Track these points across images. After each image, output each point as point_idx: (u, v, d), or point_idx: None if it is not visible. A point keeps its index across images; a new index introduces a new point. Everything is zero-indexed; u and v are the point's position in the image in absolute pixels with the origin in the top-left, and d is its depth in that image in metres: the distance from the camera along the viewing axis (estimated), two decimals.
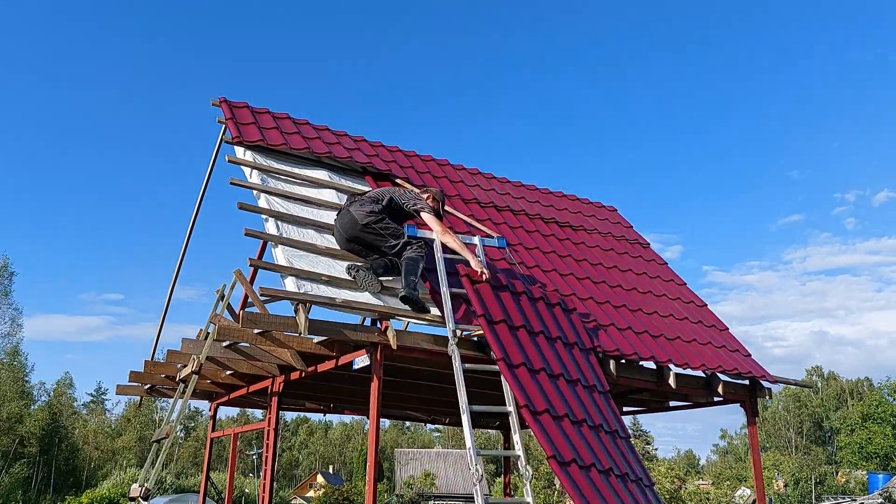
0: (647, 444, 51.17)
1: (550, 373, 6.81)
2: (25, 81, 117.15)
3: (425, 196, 7.77)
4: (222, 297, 8.63)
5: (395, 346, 6.68)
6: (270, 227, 7.42)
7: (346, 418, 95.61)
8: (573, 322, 7.86)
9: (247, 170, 8.38)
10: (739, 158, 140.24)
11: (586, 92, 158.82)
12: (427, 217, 7.43)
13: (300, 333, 6.43)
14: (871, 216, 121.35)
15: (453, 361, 6.32)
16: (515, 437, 6.32)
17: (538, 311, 7.56)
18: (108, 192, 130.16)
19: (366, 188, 8.81)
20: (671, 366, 8.65)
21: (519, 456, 6.23)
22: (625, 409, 11.99)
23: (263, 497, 9.49)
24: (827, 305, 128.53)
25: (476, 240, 7.99)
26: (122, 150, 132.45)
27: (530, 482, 6.08)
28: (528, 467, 6.09)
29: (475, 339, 7.09)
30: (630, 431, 50.31)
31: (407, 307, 6.87)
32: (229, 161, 8.48)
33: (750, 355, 9.93)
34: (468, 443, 5.84)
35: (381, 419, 9.36)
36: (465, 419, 6.00)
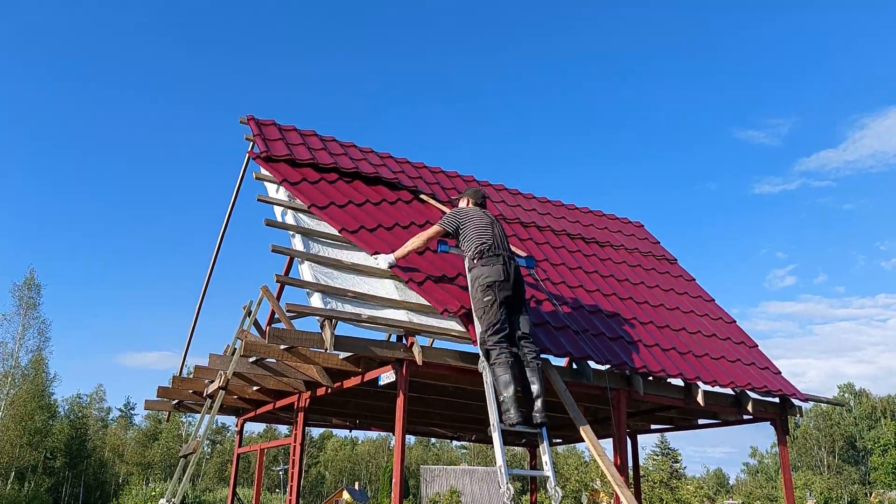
0: (675, 461, 50.48)
1: None
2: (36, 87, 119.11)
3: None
4: (249, 313, 8.68)
5: (420, 363, 6.67)
6: (297, 243, 7.45)
7: (373, 434, 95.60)
8: None
9: (274, 186, 8.45)
10: (731, 242, 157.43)
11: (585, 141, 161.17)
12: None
13: (326, 349, 6.44)
14: (853, 282, 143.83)
15: (484, 378, 6.28)
16: (545, 458, 6.24)
17: None
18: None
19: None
20: (699, 383, 8.54)
21: (548, 476, 6.15)
22: (652, 426, 11.87)
23: None
24: (840, 347, 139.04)
25: None
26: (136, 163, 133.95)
27: (560, 503, 6.02)
28: (557, 488, 6.02)
29: None
30: (657, 449, 49.67)
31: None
32: (256, 178, 8.55)
33: (780, 373, 9.78)
34: (499, 461, 5.78)
35: (407, 435, 9.33)
36: (495, 436, 5.94)
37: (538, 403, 6.23)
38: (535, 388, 6.28)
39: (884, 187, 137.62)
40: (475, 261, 6.61)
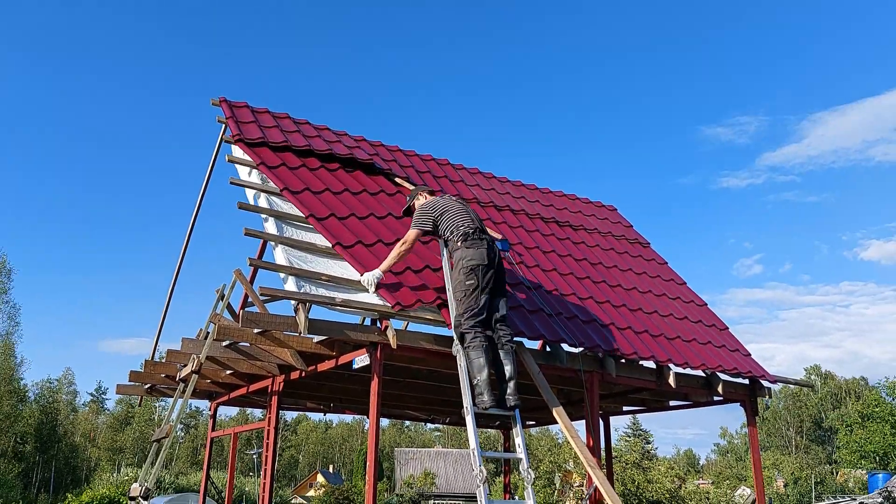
0: (647, 442, 51.08)
1: None
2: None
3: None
4: (222, 297, 8.62)
5: (395, 346, 6.67)
6: (270, 226, 7.41)
7: (347, 417, 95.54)
8: None
9: (246, 169, 8.38)
10: (699, 232, 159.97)
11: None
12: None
13: (300, 333, 6.43)
14: (817, 270, 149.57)
15: (458, 361, 6.30)
16: (518, 440, 6.29)
17: None
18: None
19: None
20: (671, 365, 8.64)
21: (521, 459, 6.20)
22: (624, 408, 11.99)
23: (263, 496, 9.49)
24: (807, 332, 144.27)
25: None
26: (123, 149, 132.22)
27: (532, 485, 6.07)
28: (530, 470, 6.07)
29: None
30: (629, 430, 50.19)
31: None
32: (229, 160, 8.47)
33: (749, 355, 9.92)
34: (472, 443, 5.81)
35: (381, 418, 9.34)
36: (469, 419, 5.97)
37: (511, 386, 6.27)
38: (508, 371, 6.32)
39: (845, 181, 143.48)
40: (459, 243, 6.59)
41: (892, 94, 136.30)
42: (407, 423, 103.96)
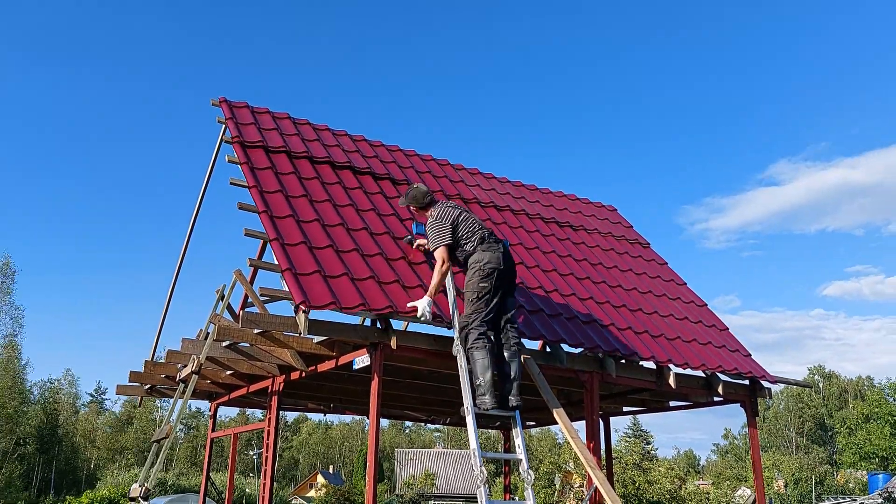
0: (647, 443, 50.99)
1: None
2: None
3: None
4: (222, 297, 8.62)
5: (395, 346, 6.67)
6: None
7: (347, 418, 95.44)
8: None
9: None
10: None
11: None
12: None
13: (300, 333, 6.43)
14: (790, 302, 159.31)
15: (458, 361, 6.30)
16: (518, 441, 6.29)
17: None
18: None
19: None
20: (671, 366, 8.64)
21: (521, 460, 6.21)
22: (624, 409, 11.99)
23: (263, 497, 9.49)
24: (789, 351, 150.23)
25: None
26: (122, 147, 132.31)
27: (532, 486, 6.07)
28: (530, 471, 6.07)
29: None
30: (630, 431, 50.12)
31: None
32: (229, 161, 8.47)
33: (750, 355, 9.92)
34: (473, 444, 5.82)
35: (381, 419, 9.33)
36: (469, 420, 5.97)
37: (514, 387, 6.28)
38: (513, 372, 6.35)
39: (802, 241, 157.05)
40: (477, 246, 6.61)
41: (839, 168, 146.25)
42: (407, 423, 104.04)
